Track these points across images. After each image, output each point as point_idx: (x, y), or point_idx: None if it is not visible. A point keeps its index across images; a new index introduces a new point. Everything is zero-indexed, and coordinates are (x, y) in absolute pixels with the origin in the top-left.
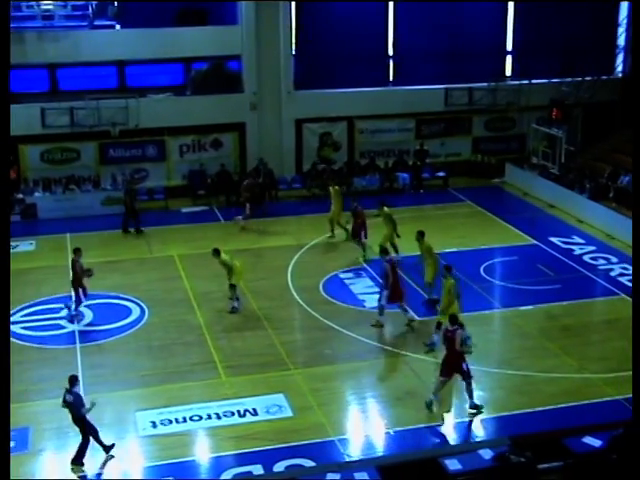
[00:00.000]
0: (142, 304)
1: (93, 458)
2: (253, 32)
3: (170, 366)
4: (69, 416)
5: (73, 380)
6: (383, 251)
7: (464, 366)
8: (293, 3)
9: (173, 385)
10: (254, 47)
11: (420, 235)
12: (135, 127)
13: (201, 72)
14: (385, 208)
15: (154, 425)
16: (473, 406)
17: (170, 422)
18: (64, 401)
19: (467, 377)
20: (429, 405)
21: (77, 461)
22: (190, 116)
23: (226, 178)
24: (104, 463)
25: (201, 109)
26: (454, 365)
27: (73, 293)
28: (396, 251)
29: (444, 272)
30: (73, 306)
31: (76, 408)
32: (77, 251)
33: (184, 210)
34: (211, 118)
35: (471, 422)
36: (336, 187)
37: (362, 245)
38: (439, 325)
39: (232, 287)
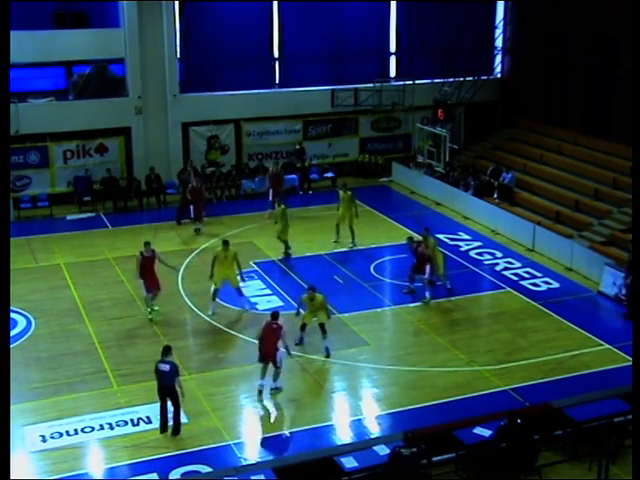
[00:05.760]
0: (28, 315)
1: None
2: (136, 35)
3: (60, 377)
4: None
5: (167, 350)
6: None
7: None
8: (177, 4)
9: (64, 397)
10: (137, 50)
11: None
12: (15, 133)
13: (83, 76)
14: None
15: (44, 439)
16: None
17: (61, 435)
18: (157, 370)
19: None
20: None
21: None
22: (73, 121)
23: (113, 184)
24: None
25: (85, 114)
26: None
27: None
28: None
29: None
30: None
31: (170, 377)
32: None
33: (69, 217)
34: (95, 123)
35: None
36: (348, 192)
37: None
38: None
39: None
